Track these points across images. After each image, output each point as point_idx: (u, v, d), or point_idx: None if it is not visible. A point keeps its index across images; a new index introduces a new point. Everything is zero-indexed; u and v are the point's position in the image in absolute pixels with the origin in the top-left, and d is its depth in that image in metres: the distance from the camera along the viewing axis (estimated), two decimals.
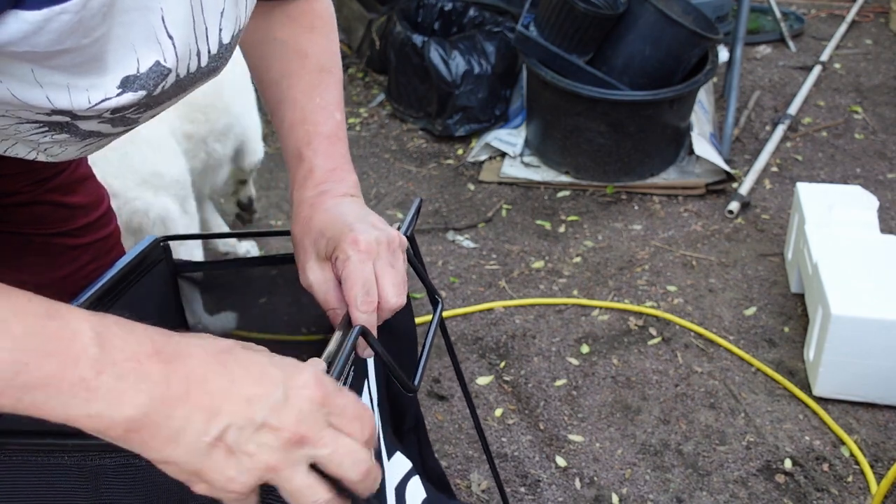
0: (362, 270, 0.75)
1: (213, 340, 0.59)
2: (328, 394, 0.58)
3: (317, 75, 0.89)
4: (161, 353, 0.54)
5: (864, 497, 1.65)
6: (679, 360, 2.03)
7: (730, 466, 1.73)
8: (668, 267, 2.39)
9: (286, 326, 1.02)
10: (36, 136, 0.69)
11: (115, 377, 0.52)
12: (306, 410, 0.56)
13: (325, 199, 0.82)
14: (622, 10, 2.62)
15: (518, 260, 2.46)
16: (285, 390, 0.57)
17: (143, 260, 0.96)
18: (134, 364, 0.53)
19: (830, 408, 1.86)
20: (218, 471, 0.56)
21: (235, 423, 0.55)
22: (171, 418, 0.54)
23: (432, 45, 3.08)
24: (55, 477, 0.68)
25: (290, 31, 0.90)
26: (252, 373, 0.57)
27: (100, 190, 1.12)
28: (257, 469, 0.56)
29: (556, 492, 1.69)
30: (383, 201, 2.81)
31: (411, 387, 0.78)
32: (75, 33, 0.55)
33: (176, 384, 0.54)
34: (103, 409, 0.52)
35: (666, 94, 2.60)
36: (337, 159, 0.86)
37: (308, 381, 0.58)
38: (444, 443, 1.81)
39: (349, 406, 0.59)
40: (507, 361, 2.05)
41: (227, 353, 0.58)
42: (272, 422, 0.56)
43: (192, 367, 0.55)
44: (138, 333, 0.55)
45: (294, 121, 0.87)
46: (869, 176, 2.82)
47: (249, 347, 0.62)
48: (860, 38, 3.98)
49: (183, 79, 0.67)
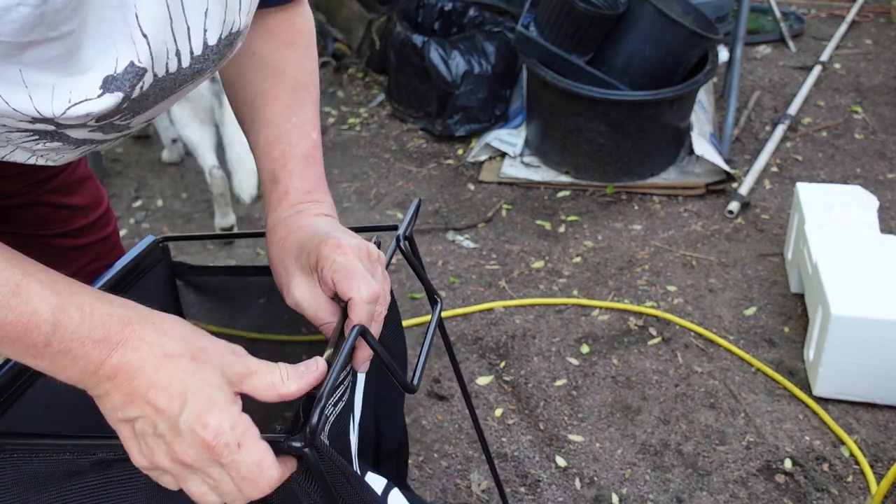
0: (355, 265, 0.73)
1: (166, 339, 0.63)
2: (221, 446, 0.61)
3: (293, 94, 0.87)
4: (108, 341, 0.61)
5: (864, 497, 1.65)
6: (679, 360, 2.03)
7: (730, 466, 1.73)
8: (668, 267, 2.39)
9: (286, 326, 1.02)
10: (29, 143, 0.68)
11: (59, 351, 0.60)
12: (193, 448, 0.61)
13: (300, 217, 0.81)
14: (622, 10, 2.62)
15: (518, 260, 2.46)
16: (188, 421, 0.61)
17: (143, 260, 0.96)
18: (78, 345, 0.60)
19: (830, 408, 1.86)
20: (125, 440, 0.64)
21: (143, 419, 0.62)
22: (98, 388, 0.62)
23: (432, 45, 3.08)
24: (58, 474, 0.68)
25: (268, 47, 0.87)
26: (173, 389, 0.61)
27: (99, 191, 1.12)
28: (153, 463, 0.63)
29: (556, 492, 1.69)
30: (383, 201, 2.81)
31: (411, 387, 0.78)
32: (40, 26, 0.54)
33: (107, 368, 0.61)
34: (46, 366, 0.62)
35: (666, 94, 2.60)
36: (312, 181, 0.84)
37: (209, 424, 0.61)
38: (444, 443, 1.81)
39: (243, 465, 0.61)
40: (507, 361, 2.05)
41: (167, 359, 0.62)
42: (167, 438, 0.61)
43: (129, 359, 0.61)
44: (94, 319, 0.61)
45: (269, 140, 0.85)
46: (869, 176, 2.82)
47: (198, 359, 0.64)
48: (860, 38, 3.98)
49: (162, 79, 0.66)
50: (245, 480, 0.62)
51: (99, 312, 0.62)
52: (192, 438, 0.61)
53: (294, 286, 0.77)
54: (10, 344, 0.60)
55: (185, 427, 0.61)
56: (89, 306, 0.62)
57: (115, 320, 0.62)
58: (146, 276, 0.96)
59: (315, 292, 0.76)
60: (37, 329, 0.59)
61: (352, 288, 0.72)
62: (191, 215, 2.80)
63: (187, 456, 0.61)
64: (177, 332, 0.64)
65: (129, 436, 0.63)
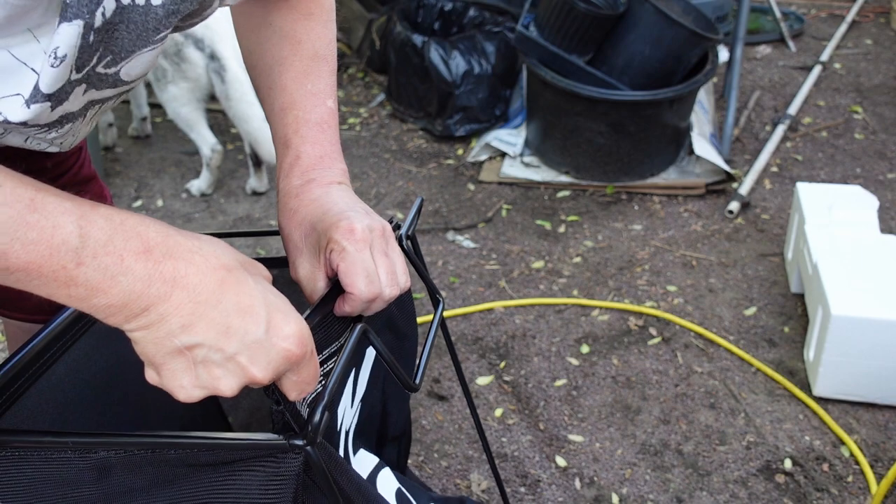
0: (362, 259, 0.72)
1: (218, 251, 0.59)
2: (302, 356, 0.59)
3: (309, 62, 0.86)
4: (151, 252, 0.55)
5: (864, 497, 1.64)
6: (679, 360, 2.03)
7: (730, 466, 1.73)
8: (668, 267, 2.39)
9: None
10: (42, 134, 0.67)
11: (94, 269, 0.53)
12: (276, 362, 0.58)
13: (311, 188, 0.80)
14: (622, 10, 2.62)
15: (518, 260, 2.46)
16: (267, 333, 0.57)
17: None
18: (115, 259, 0.53)
19: (830, 408, 1.86)
20: (174, 375, 0.57)
21: (207, 345, 0.56)
22: (149, 312, 0.55)
23: (432, 45, 3.08)
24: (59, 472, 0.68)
25: (286, 17, 0.87)
26: (241, 302, 0.57)
27: (103, 191, 1.12)
28: (210, 389, 0.58)
29: (556, 492, 1.69)
30: (383, 201, 2.81)
31: (413, 386, 0.78)
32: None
33: (159, 284, 0.54)
34: (81, 294, 0.54)
35: (666, 94, 2.60)
36: (325, 147, 0.83)
37: (290, 335, 0.58)
38: (444, 443, 1.81)
39: (308, 373, 0.61)
40: (507, 361, 2.05)
41: (226, 271, 0.58)
42: (242, 360, 0.57)
43: (185, 273, 0.55)
44: (128, 228, 0.55)
45: (283, 107, 0.84)
46: (869, 176, 2.82)
47: (251, 269, 0.61)
48: (860, 38, 3.98)
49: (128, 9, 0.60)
50: (302, 384, 0.61)
51: (131, 221, 0.55)
52: (276, 353, 0.58)
53: (300, 263, 0.77)
54: (36, 272, 0.52)
55: (267, 342, 0.57)
56: (118, 216, 0.55)
57: (151, 231, 0.56)
58: None
59: (317, 275, 0.76)
60: (63, 245, 0.52)
61: (355, 283, 0.72)
62: (191, 215, 2.80)
63: (266, 372, 0.58)
64: (220, 244, 0.60)
65: (185, 367, 0.57)
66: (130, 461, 0.65)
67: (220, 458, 0.65)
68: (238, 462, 0.65)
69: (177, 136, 3.19)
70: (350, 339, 0.68)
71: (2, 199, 0.52)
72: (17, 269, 0.52)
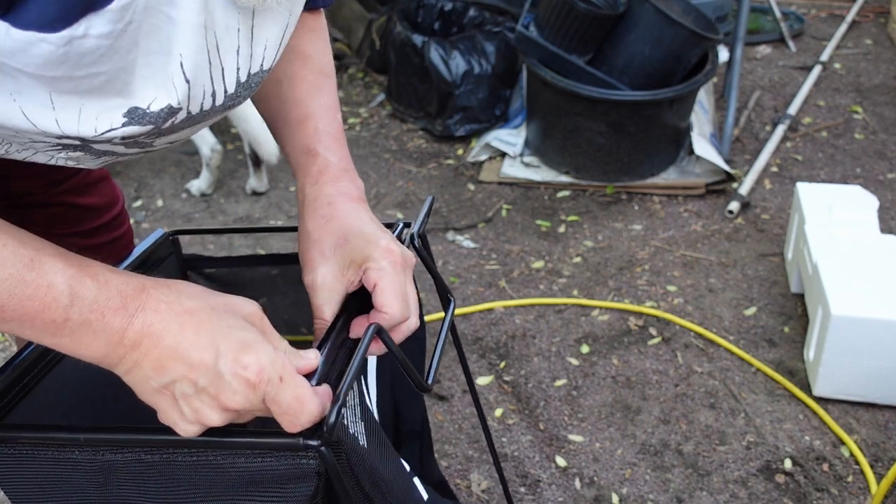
0: (400, 282, 0.75)
1: (184, 299, 0.63)
2: (264, 383, 0.61)
3: (320, 77, 0.87)
4: (126, 308, 0.61)
5: (864, 497, 1.64)
6: (679, 360, 2.03)
7: (730, 466, 1.73)
8: (668, 267, 2.39)
9: (286, 326, 1.02)
10: (52, 151, 0.69)
11: (78, 325, 0.59)
12: (241, 392, 0.61)
13: (343, 200, 0.80)
14: (622, 10, 2.62)
15: (518, 260, 2.46)
16: (227, 365, 0.61)
17: (153, 254, 0.96)
18: (97, 316, 0.60)
19: (830, 408, 1.86)
20: (165, 412, 0.63)
21: (179, 381, 0.61)
22: (125, 360, 0.61)
23: (432, 45, 3.07)
24: (66, 471, 0.68)
25: (293, 35, 0.87)
26: (202, 340, 0.61)
27: (115, 191, 1.12)
28: (199, 421, 0.62)
29: (556, 492, 1.69)
30: (383, 201, 2.81)
31: (425, 386, 0.78)
32: (64, 64, 0.55)
33: (131, 335, 0.60)
34: (67, 344, 0.61)
35: (666, 94, 2.60)
36: (347, 161, 0.84)
37: (249, 366, 0.61)
38: (444, 443, 1.81)
39: (284, 401, 0.62)
40: (507, 361, 2.05)
41: (188, 315, 0.62)
42: (210, 391, 0.61)
43: (151, 322, 0.61)
44: (111, 287, 0.61)
45: (300, 119, 0.85)
46: (869, 176, 2.82)
47: (222, 309, 0.64)
48: (860, 38, 3.98)
49: (195, 115, 0.67)
50: (286, 415, 0.62)
51: (114, 281, 0.61)
52: (237, 382, 0.61)
53: (323, 271, 0.77)
54: (29, 322, 0.59)
55: (227, 372, 0.61)
56: (103, 276, 0.61)
57: (129, 288, 0.61)
58: (157, 269, 0.96)
59: (337, 287, 0.76)
60: (54, 303, 0.58)
61: (392, 304, 0.74)
62: (191, 215, 2.80)
63: (235, 402, 0.61)
64: (192, 291, 0.65)
65: (170, 404, 0.62)
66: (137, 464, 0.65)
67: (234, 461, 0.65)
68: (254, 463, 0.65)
69: None
70: (364, 338, 0.68)
71: (3, 259, 0.58)
72: (10, 319, 0.58)
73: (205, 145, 2.79)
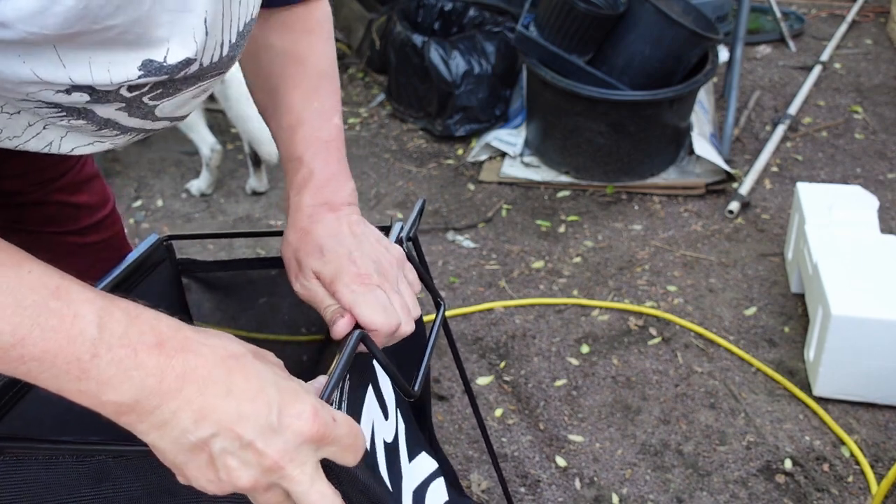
0: (375, 297, 0.74)
1: (226, 343, 0.59)
2: (320, 429, 0.57)
3: (315, 80, 0.87)
4: (163, 346, 0.55)
5: (864, 497, 1.64)
6: (679, 360, 2.03)
7: (730, 466, 1.73)
8: (668, 267, 2.39)
9: (286, 326, 1.02)
10: (55, 118, 0.68)
11: (108, 362, 0.53)
12: (292, 443, 0.56)
13: (323, 212, 0.81)
14: (622, 10, 2.62)
15: (518, 260, 2.46)
16: (279, 416, 0.56)
17: (147, 259, 0.96)
18: (129, 352, 0.53)
19: (830, 408, 1.86)
20: (197, 472, 0.57)
21: (222, 434, 0.55)
22: (160, 409, 0.54)
23: (432, 45, 3.07)
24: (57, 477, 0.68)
25: (286, 37, 0.88)
26: (251, 388, 0.56)
27: (105, 190, 1.12)
28: (232, 485, 0.56)
29: (556, 492, 1.69)
30: (383, 201, 2.81)
31: (412, 392, 0.78)
32: (83, 19, 0.54)
33: (171, 379, 0.54)
34: (92, 388, 0.53)
35: (666, 94, 2.60)
36: (335, 166, 0.84)
37: (303, 413, 0.57)
38: (444, 443, 1.81)
39: (345, 436, 0.59)
40: (507, 361, 2.05)
41: (234, 360, 0.58)
42: (258, 445, 0.55)
43: (195, 365, 0.55)
44: (143, 322, 0.55)
45: (291, 125, 0.85)
46: (869, 176, 2.82)
47: (262, 357, 0.61)
48: (860, 38, 3.97)
49: (205, 68, 0.67)
50: (349, 450, 0.59)
51: (145, 315, 0.56)
52: (291, 433, 0.56)
53: (304, 281, 0.78)
54: (50, 361, 0.52)
55: (279, 424, 0.55)
56: (134, 310, 0.56)
57: (163, 324, 0.56)
58: (151, 274, 0.96)
59: (321, 292, 0.77)
60: (80, 336, 0.52)
61: (374, 320, 0.72)
62: (191, 215, 2.80)
63: (286, 455, 0.56)
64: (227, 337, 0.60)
65: (205, 464, 0.56)
66: (130, 468, 0.65)
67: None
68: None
69: (176, 136, 3.19)
70: (347, 346, 0.68)
71: (28, 284, 0.53)
72: (31, 359, 0.52)
73: (205, 145, 2.78)
